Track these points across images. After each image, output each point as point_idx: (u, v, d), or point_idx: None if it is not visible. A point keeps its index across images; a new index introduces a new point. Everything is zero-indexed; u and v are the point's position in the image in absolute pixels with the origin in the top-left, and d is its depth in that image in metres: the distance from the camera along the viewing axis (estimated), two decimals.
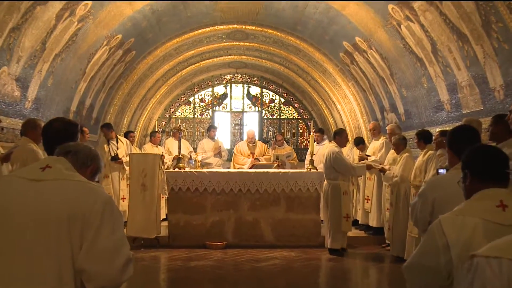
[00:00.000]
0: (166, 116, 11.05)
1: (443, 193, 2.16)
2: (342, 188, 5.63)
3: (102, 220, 1.50)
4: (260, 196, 6.23)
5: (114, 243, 1.50)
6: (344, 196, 5.60)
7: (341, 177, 5.66)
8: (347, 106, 9.11)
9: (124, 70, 7.94)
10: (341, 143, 5.88)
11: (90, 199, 1.52)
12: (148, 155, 6.48)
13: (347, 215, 5.55)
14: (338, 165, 5.62)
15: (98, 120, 7.87)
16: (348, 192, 5.69)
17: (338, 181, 5.65)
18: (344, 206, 5.57)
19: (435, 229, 1.53)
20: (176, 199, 6.23)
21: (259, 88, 11.29)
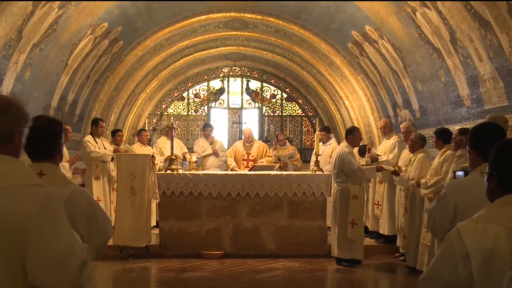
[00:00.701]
0: (157, 113, 11.03)
1: (466, 198, 2.13)
2: (352, 192, 5.59)
3: (41, 228, 1.42)
4: (260, 200, 6.21)
5: (61, 250, 1.44)
6: (353, 200, 5.56)
7: (351, 180, 5.61)
8: (356, 102, 9.08)
9: (110, 62, 7.91)
10: (353, 142, 5.85)
11: (19, 207, 1.42)
12: (137, 156, 6.46)
13: (353, 220, 5.52)
14: (344, 167, 5.60)
15: (81, 117, 7.83)
16: (358, 196, 5.62)
17: (348, 184, 5.62)
18: (352, 212, 5.52)
19: (453, 238, 1.51)
20: (168, 204, 6.21)
21: (259, 82, 11.28)
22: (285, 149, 8.33)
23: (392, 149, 6.36)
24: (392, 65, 7.05)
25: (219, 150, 8.22)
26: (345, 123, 10.01)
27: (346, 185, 5.63)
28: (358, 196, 5.63)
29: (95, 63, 7.41)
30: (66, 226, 1.49)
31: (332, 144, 8.00)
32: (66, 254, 1.45)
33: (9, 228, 1.40)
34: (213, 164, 8.15)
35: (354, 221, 5.53)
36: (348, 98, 9.29)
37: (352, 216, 5.53)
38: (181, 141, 8.91)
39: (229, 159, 7.68)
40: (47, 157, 1.93)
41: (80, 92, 7.49)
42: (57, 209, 1.49)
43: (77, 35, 6.35)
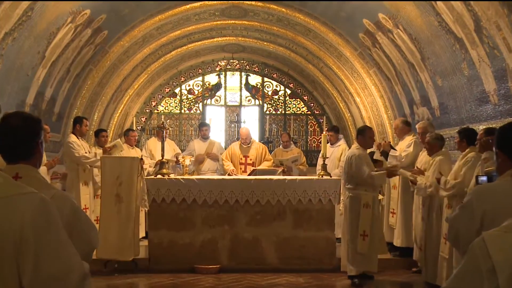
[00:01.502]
0: (147, 111, 11.01)
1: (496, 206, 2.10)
2: (363, 200, 5.51)
3: (37, 241, 1.43)
4: (261, 208, 6.19)
5: (61, 265, 1.46)
6: (364, 209, 5.48)
7: (362, 187, 5.55)
8: (368, 99, 9.06)
9: (93, 54, 7.88)
10: (364, 144, 5.76)
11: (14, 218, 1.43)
12: (124, 159, 6.44)
13: (364, 232, 5.43)
14: (353, 172, 5.54)
15: (61, 116, 7.81)
16: (370, 205, 5.52)
17: (359, 191, 5.55)
18: (363, 222, 5.45)
19: (478, 249, 1.48)
20: (159, 212, 6.19)
21: (260, 77, 11.27)
22: (290, 152, 8.30)
23: (407, 146, 6.33)
24: (408, 57, 7.02)
25: (217, 152, 8.20)
26: (356, 122, 9.98)
27: (356, 192, 5.56)
28: (371, 204, 5.52)
29: (76, 55, 7.39)
30: (63, 237, 1.50)
31: (341, 145, 7.97)
32: (65, 269, 1.46)
33: (2, 242, 1.42)
34: (210, 168, 8.13)
35: (365, 233, 5.45)
36: (359, 95, 9.27)
37: (363, 227, 5.45)
38: (173, 142, 8.89)
39: (226, 163, 7.66)
40: (23, 159, 1.90)
41: (59, 87, 7.46)
42: (53, 218, 1.50)
43: (56, 24, 6.32)
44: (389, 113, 8.55)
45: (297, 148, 8.98)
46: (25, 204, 1.45)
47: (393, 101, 8.29)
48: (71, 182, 6.64)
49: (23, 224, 1.42)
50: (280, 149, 8.48)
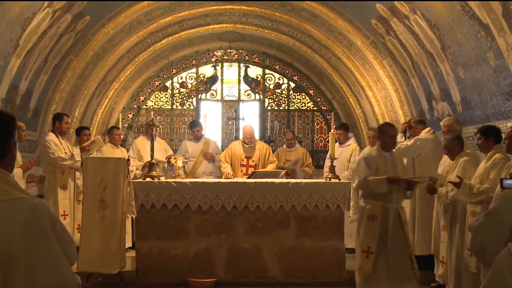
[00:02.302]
0: (134, 106, 10.99)
1: None
2: (368, 211, 5.26)
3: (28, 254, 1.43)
4: (262, 215, 6.18)
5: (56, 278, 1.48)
6: (368, 221, 5.21)
7: (371, 194, 5.31)
8: (381, 93, 9.04)
9: (74, 43, 7.86)
10: (384, 144, 5.40)
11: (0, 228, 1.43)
12: (109, 160, 6.44)
13: (368, 249, 5.15)
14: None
15: (37, 112, 7.79)
16: (376, 217, 5.20)
17: (367, 199, 5.41)
18: (365, 236, 5.19)
19: (503, 262, 1.49)
20: (148, 220, 6.18)
21: (261, 68, 11.25)
22: (294, 152, 8.27)
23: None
24: (427, 46, 7.00)
25: (214, 152, 8.18)
26: (368, 119, 9.96)
27: (366, 199, 5.41)
28: (378, 217, 5.19)
29: (55, 44, 7.36)
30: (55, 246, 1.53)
31: (351, 145, 7.96)
32: (61, 281, 1.50)
33: None
34: (205, 171, 8.12)
35: (369, 249, 5.16)
36: (371, 88, 9.25)
37: (366, 241, 5.19)
38: (164, 142, 8.88)
39: (223, 165, 7.63)
40: None
41: (36, 80, 7.43)
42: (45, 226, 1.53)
43: (31, 8, 6.29)
44: (404, 109, 8.53)
45: (302, 148, 8.95)
46: (14, 212, 1.46)
47: (410, 96, 8.27)
48: (49, 186, 6.64)
49: (11, 235, 1.44)
50: (284, 149, 8.45)
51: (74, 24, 7.37)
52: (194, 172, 8.05)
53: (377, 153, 5.38)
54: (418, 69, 7.60)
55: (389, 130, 5.44)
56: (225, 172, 7.50)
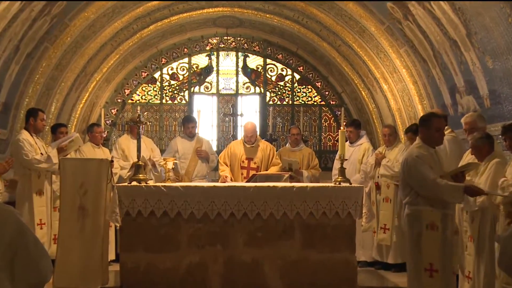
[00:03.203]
0: (118, 101, 10.98)
1: None
2: (426, 218, 4.91)
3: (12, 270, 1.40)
4: (263, 224, 6.16)
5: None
6: (427, 232, 4.86)
7: (425, 200, 4.95)
8: (398, 86, 9.04)
9: (49, 29, 7.84)
10: (430, 139, 5.02)
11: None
12: (90, 162, 6.44)
13: (431, 266, 4.85)
14: (412, 180, 5.01)
15: (7, 107, 7.78)
16: (437, 226, 4.88)
17: (420, 206, 4.97)
18: (427, 251, 4.87)
19: None
20: (134, 229, 6.15)
21: (261, 58, 11.25)
22: (298, 152, 8.25)
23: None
24: (450, 32, 6.99)
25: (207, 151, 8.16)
26: (382, 115, 9.94)
27: (416, 208, 4.97)
28: (439, 225, 4.86)
29: (27, 30, 7.34)
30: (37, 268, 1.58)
31: (363, 144, 7.95)
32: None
33: None
34: (198, 174, 8.13)
35: (432, 267, 4.83)
36: (387, 80, 9.24)
37: (428, 258, 4.85)
38: (151, 141, 8.85)
39: (221, 167, 7.61)
40: None
41: (5, 70, 7.42)
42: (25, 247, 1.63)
43: None
44: (424, 104, 8.52)
45: (308, 148, 8.93)
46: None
47: (430, 89, 8.26)
48: (22, 191, 6.62)
49: None
50: (287, 148, 8.43)
51: (49, 7, 7.36)
52: (190, 175, 8.04)
53: (424, 151, 4.98)
54: (440, 58, 7.58)
55: (436, 122, 5.04)
56: (222, 175, 7.48)
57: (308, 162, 8.12)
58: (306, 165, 8.15)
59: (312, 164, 8.18)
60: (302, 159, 8.21)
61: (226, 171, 7.54)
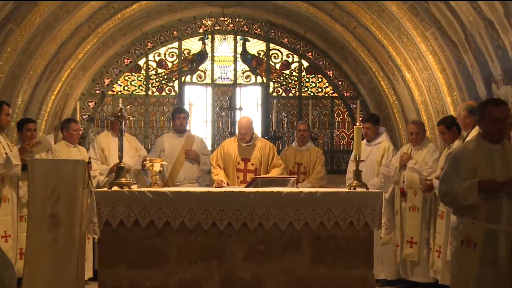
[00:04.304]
0: (97, 92, 10.99)
1: None
2: (463, 233, 4.67)
3: None
4: (265, 235, 6.16)
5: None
6: (464, 250, 4.63)
7: (466, 211, 4.67)
8: (423, 74, 9.05)
9: (14, 8, 7.82)
10: (486, 133, 4.70)
11: None
12: (63, 163, 6.43)
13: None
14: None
15: None
16: (474, 242, 4.59)
17: (460, 218, 4.78)
18: (460, 271, 4.70)
19: None
20: (115, 241, 6.15)
21: (264, 42, 11.24)
22: (306, 152, 8.26)
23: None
24: (485, 12, 6.98)
25: (199, 152, 8.18)
26: (405, 109, 9.93)
27: (457, 217, 4.84)
28: (478, 242, 4.56)
29: None
30: None
31: (383, 143, 7.95)
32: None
33: None
34: (187, 176, 8.13)
35: None
36: (410, 68, 9.25)
37: (460, 280, 4.68)
38: (135, 139, 8.86)
39: (215, 171, 7.62)
40: None
41: None
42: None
43: None
44: (454, 95, 8.51)
45: (317, 148, 8.93)
46: None
47: (461, 77, 8.26)
48: None
49: None
50: (293, 148, 8.44)
51: None
52: (173, 178, 8.04)
53: (475, 147, 4.67)
54: (473, 42, 7.58)
55: (491, 111, 4.64)
56: (217, 179, 7.48)
57: (296, 179, 7.78)
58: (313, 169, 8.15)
59: (316, 168, 8.13)
60: (309, 160, 8.21)
61: (221, 175, 7.53)
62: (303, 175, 8.21)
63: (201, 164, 8.15)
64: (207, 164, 8.15)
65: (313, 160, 8.18)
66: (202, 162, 8.15)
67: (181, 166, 8.10)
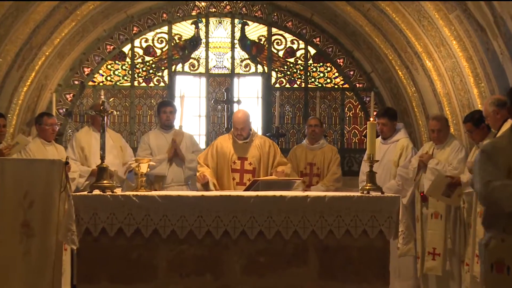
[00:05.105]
0: (75, 83, 10.98)
1: None
2: (494, 252, 4.31)
3: None
4: (267, 246, 6.17)
5: None
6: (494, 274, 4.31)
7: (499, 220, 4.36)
8: (446, 63, 9.05)
9: None
10: None
11: None
12: (38, 163, 6.45)
13: None
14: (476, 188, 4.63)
15: None
16: (507, 265, 4.29)
17: (493, 229, 4.43)
18: None
19: None
20: (96, 253, 6.16)
21: (265, 27, 11.24)
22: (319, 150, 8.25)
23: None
24: None
25: (187, 150, 8.18)
26: (425, 102, 9.94)
27: (487, 233, 4.53)
28: (509, 264, 4.27)
29: None
30: None
31: (401, 141, 7.97)
32: None
33: None
34: (175, 177, 8.16)
35: None
36: (431, 56, 9.26)
37: None
38: (120, 136, 8.87)
39: (200, 168, 7.58)
40: None
41: None
42: None
43: None
44: (481, 87, 8.50)
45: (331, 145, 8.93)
46: None
47: (490, 67, 8.25)
48: None
49: None
50: (303, 146, 8.44)
51: None
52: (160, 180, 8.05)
53: (508, 143, 4.41)
54: (503, 26, 7.57)
55: None
56: (199, 175, 7.45)
57: (303, 185, 7.94)
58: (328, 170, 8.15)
59: (331, 169, 8.14)
60: (322, 160, 8.20)
61: (207, 172, 7.48)
62: (317, 177, 8.23)
63: (187, 162, 8.12)
64: (194, 162, 8.13)
65: (328, 159, 8.18)
66: (189, 159, 8.13)
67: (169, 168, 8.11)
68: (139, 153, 8.20)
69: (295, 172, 8.12)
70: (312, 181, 8.07)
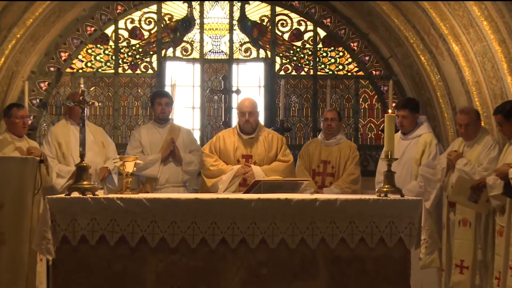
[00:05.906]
0: (51, 69, 11.00)
1: None
2: None
3: None
4: (270, 256, 6.20)
5: None
6: None
7: None
8: (476, 47, 9.06)
9: None
10: None
11: None
12: (7, 162, 6.49)
13: None
14: None
15: None
16: None
17: None
18: None
19: None
20: (75, 264, 6.17)
21: (268, 6, 11.26)
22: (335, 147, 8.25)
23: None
24: None
25: (185, 148, 8.22)
26: (451, 92, 9.96)
27: None
28: None
29: None
30: None
31: (424, 136, 7.98)
32: None
33: None
34: (171, 178, 8.18)
35: None
36: (459, 39, 9.27)
37: None
38: (102, 130, 8.87)
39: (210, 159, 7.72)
40: None
41: None
42: None
43: None
44: None
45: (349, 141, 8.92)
46: None
47: None
48: None
49: None
50: (318, 141, 8.44)
51: None
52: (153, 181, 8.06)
53: None
54: None
55: None
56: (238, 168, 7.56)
57: (314, 187, 7.97)
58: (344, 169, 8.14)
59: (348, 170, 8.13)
60: (338, 158, 8.18)
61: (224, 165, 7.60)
62: (331, 177, 8.20)
63: (185, 164, 8.12)
64: (193, 164, 8.15)
65: (345, 157, 8.16)
66: (186, 162, 8.13)
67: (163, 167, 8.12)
68: (128, 151, 8.15)
69: (307, 170, 8.13)
70: (325, 182, 8.06)
